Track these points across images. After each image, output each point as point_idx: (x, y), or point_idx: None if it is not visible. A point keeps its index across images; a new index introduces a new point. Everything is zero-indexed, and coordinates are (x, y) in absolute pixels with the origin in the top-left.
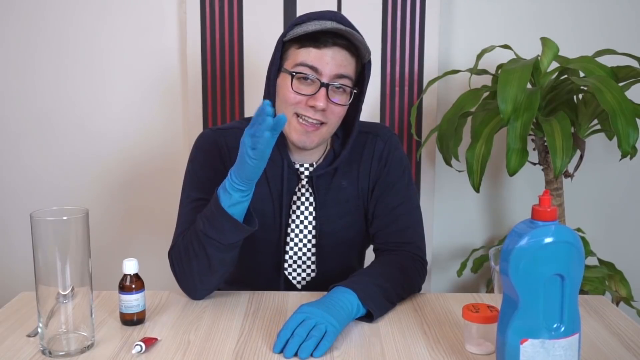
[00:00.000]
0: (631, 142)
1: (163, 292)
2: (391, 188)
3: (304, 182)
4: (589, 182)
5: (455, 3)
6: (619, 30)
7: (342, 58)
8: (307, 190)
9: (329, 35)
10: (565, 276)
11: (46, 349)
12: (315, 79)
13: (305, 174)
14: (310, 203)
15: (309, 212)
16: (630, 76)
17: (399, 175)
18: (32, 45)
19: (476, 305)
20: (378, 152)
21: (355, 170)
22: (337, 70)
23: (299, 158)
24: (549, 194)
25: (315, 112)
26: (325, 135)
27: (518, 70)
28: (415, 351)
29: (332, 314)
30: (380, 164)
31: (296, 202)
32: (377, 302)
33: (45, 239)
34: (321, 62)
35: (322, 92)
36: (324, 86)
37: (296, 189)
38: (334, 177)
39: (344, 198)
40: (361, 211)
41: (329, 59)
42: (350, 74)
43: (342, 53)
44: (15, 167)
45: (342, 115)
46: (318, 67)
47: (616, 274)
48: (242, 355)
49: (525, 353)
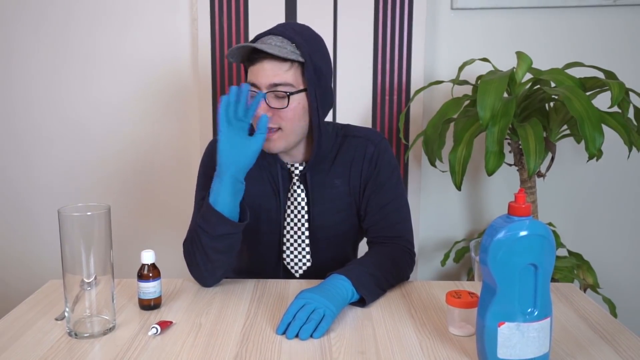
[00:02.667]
0: (597, 145)
1: (177, 280)
2: (381, 187)
3: (295, 179)
4: (559, 181)
5: (439, 21)
6: (586, 44)
7: (271, 69)
8: (299, 187)
9: (257, 52)
10: (539, 266)
11: (72, 331)
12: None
13: (295, 172)
14: (302, 199)
15: (302, 207)
16: (596, 86)
17: (389, 175)
18: (61, 56)
19: (458, 292)
20: (369, 154)
21: (347, 170)
22: (268, 80)
23: (289, 159)
24: (523, 192)
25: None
26: (288, 138)
27: (495, 81)
28: (403, 333)
29: (329, 299)
30: (371, 165)
31: (290, 198)
32: (370, 289)
33: (71, 232)
34: (256, 77)
35: (261, 102)
36: (262, 97)
37: (289, 186)
38: (326, 175)
39: (337, 196)
40: (353, 208)
41: (260, 72)
42: (284, 81)
43: (271, 64)
44: (46, 167)
45: (295, 118)
46: (255, 82)
47: (584, 264)
48: (248, 337)
49: (503, 335)
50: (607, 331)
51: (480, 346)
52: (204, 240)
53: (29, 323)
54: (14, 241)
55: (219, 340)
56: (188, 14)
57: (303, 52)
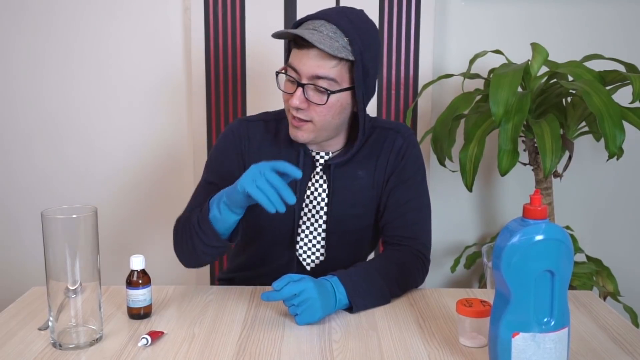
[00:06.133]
0: (618, 143)
1: (169, 287)
2: (404, 183)
3: (318, 169)
4: (577, 181)
5: (449, 10)
6: (606, 35)
7: (317, 60)
8: (322, 177)
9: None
10: (555, 272)
11: (57, 342)
12: (295, 79)
13: (320, 162)
14: (323, 190)
15: (322, 198)
16: (616, 80)
17: (414, 171)
18: (41, 51)
19: (469, 300)
20: (397, 147)
21: (373, 162)
22: (312, 71)
23: (316, 148)
24: (539, 193)
25: (296, 111)
26: (318, 131)
27: (509, 75)
28: (411, 344)
29: (322, 301)
30: (398, 158)
31: (310, 187)
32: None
33: (55, 236)
34: (299, 63)
35: (297, 92)
36: (301, 86)
37: (312, 175)
38: (351, 166)
39: (358, 188)
40: (374, 204)
41: (305, 60)
42: (328, 75)
43: (318, 55)
44: (27, 167)
45: (329, 114)
46: (297, 68)
47: (603, 270)
48: (245, 348)
49: (517, 346)
50: (629, 342)
51: (492, 358)
52: (196, 241)
53: (10, 333)
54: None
55: (213, 351)
56: (180, 3)
57: (354, 50)
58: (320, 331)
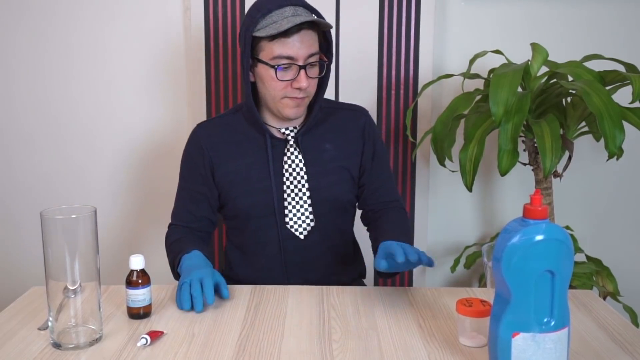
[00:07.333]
0: (617, 143)
1: (168, 287)
2: (378, 157)
3: (291, 141)
4: (577, 181)
5: (449, 10)
6: (606, 35)
7: (308, 39)
8: (295, 149)
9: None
10: (555, 272)
11: (56, 342)
12: (293, 65)
13: (291, 135)
14: (300, 160)
15: (300, 168)
16: (616, 80)
17: (381, 144)
18: (41, 52)
19: (469, 300)
20: (361, 125)
21: (338, 137)
22: (307, 51)
23: (278, 125)
24: (539, 193)
25: (300, 92)
26: (307, 103)
27: (509, 75)
28: (411, 343)
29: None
30: (368, 140)
31: (287, 161)
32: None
33: (55, 236)
34: (294, 49)
35: (302, 74)
36: (302, 68)
37: (284, 150)
38: (318, 140)
39: (329, 158)
40: (346, 174)
41: (299, 44)
42: (317, 50)
43: (307, 34)
44: (26, 166)
45: (316, 84)
46: (293, 55)
47: (603, 270)
48: (245, 347)
49: (517, 346)
50: (629, 342)
51: (492, 358)
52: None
53: (9, 333)
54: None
55: (213, 351)
56: (180, 3)
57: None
58: (320, 331)
